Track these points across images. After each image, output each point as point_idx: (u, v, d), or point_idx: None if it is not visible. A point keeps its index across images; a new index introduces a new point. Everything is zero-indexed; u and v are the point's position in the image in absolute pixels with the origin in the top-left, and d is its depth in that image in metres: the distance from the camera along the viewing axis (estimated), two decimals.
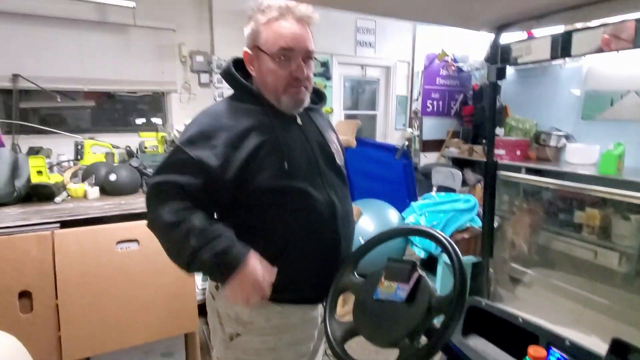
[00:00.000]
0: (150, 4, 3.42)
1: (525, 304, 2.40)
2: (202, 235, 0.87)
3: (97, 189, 2.27)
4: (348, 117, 4.81)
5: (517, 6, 0.94)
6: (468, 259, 2.42)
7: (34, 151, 2.98)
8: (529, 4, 0.91)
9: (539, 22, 0.96)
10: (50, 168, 2.78)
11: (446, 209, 2.51)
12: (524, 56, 0.95)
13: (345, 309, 2.37)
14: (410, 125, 5.04)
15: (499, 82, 1.07)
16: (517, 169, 4.18)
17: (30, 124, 3.04)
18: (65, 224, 2.01)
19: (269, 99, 1.00)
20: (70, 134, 3.11)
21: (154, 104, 3.77)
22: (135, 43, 3.50)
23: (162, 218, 0.89)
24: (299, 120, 1.04)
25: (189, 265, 0.89)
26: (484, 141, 4.74)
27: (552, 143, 4.08)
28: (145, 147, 2.94)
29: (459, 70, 5.05)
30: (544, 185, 2.47)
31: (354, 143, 2.63)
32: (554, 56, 0.86)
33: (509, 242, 2.73)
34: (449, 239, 0.89)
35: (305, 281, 1.04)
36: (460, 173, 3.39)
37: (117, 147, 2.86)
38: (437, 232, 0.91)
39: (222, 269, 0.88)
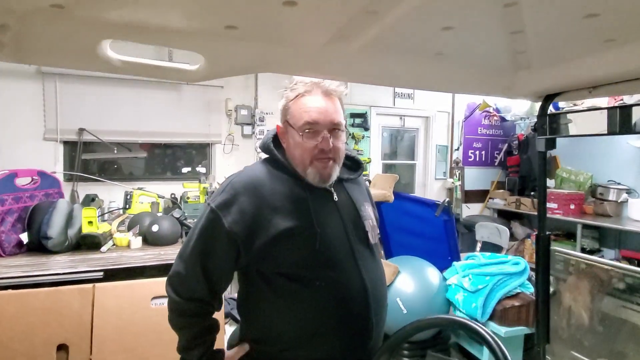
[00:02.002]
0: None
1: None
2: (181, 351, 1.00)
3: (140, 239, 2.35)
4: (386, 166, 4.79)
5: (567, 76, 0.89)
6: (519, 330, 2.19)
7: (89, 198, 3.19)
8: (582, 75, 0.86)
9: (591, 93, 0.90)
10: (103, 215, 2.95)
11: (492, 271, 2.33)
12: (576, 128, 0.89)
13: None
14: (451, 175, 4.90)
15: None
16: (572, 225, 3.88)
17: (86, 175, 3.27)
18: (107, 273, 2.09)
19: (298, 171, 1.00)
20: (121, 184, 3.32)
21: (199, 153, 3.98)
22: (187, 99, 3.78)
23: (169, 312, 1.00)
24: (335, 197, 1.03)
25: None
26: (532, 193, 4.49)
27: (612, 197, 3.78)
28: (188, 197, 3.06)
29: (502, 119, 4.94)
30: (605, 267, 2.21)
31: (391, 198, 2.57)
32: (611, 132, 0.79)
33: (566, 309, 2.46)
34: (498, 342, 0.79)
35: None
36: (507, 230, 3.18)
37: (162, 197, 2.99)
38: (486, 331, 0.82)
39: None
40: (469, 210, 4.98)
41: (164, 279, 0.98)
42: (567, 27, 0.63)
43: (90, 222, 2.22)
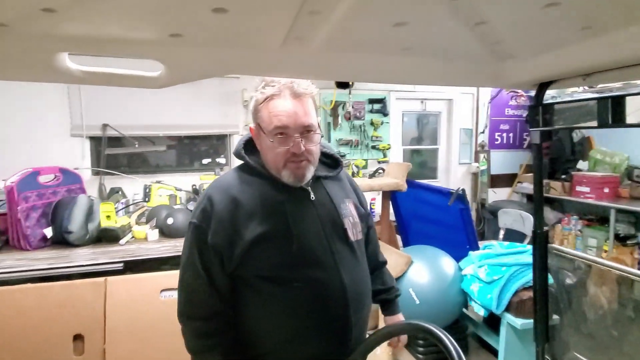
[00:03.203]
0: None
1: None
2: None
3: (156, 231, 2.44)
4: (407, 152, 4.67)
5: (556, 65, 0.82)
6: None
7: (114, 191, 3.34)
8: (571, 63, 0.78)
9: (585, 80, 0.82)
10: (127, 207, 3.07)
11: (510, 262, 2.24)
12: (569, 121, 0.81)
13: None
14: (476, 159, 4.72)
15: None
16: (605, 210, 3.65)
17: (107, 170, 3.42)
18: (127, 265, 2.19)
19: (273, 173, 0.99)
20: (143, 177, 3.44)
21: (218, 145, 4.04)
22: (204, 91, 3.83)
23: (187, 333, 0.99)
24: (312, 196, 1.01)
25: None
26: (563, 176, 4.25)
27: None
28: (204, 189, 3.12)
29: (531, 99, 4.67)
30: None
31: (404, 187, 2.51)
32: (601, 124, 0.72)
33: (591, 297, 2.34)
34: (454, 344, 0.76)
35: None
36: (532, 217, 3.03)
37: (180, 189, 3.07)
38: (446, 335, 0.79)
39: None
40: (495, 195, 4.79)
41: (172, 272, 1.00)
42: (533, 16, 0.57)
43: (108, 216, 2.32)
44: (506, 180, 4.85)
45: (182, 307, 0.99)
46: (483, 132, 4.73)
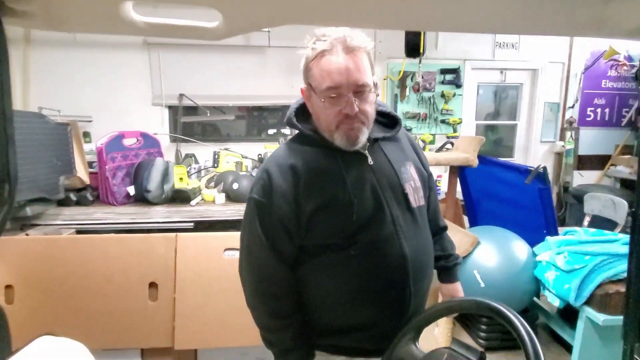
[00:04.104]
0: (283, 27, 3.73)
1: None
2: (283, 351, 0.97)
3: (223, 195, 2.57)
4: (481, 127, 4.33)
5: None
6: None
7: (188, 157, 3.59)
8: None
9: None
10: (199, 172, 3.28)
11: (595, 250, 1.98)
12: None
13: None
14: (562, 138, 4.23)
15: None
16: None
17: (182, 137, 3.66)
18: (197, 224, 2.35)
19: (326, 137, 0.94)
20: (213, 144, 3.63)
21: (283, 116, 4.10)
22: (271, 61, 3.89)
23: (261, 314, 0.98)
24: (370, 161, 0.96)
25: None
26: None
27: None
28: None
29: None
30: None
31: (475, 162, 2.32)
32: None
33: None
34: (527, 329, 0.67)
35: (367, 334, 0.96)
36: (626, 203, 2.65)
37: (246, 157, 3.19)
38: (516, 316, 0.70)
39: None
40: (582, 178, 4.29)
41: (235, 233, 0.99)
42: None
43: (181, 179, 2.49)
44: (596, 162, 4.30)
45: (255, 286, 0.96)
46: (572, 107, 4.21)
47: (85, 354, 0.72)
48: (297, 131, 1.00)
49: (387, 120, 1.05)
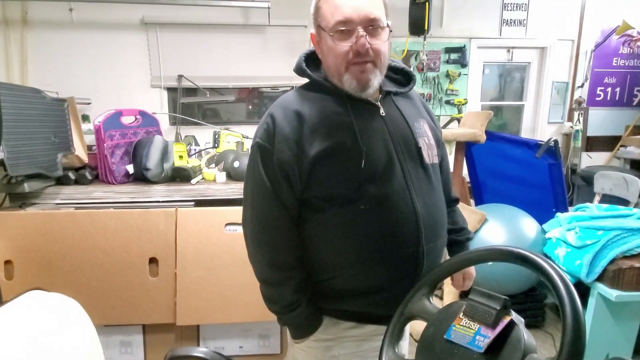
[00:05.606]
0: (284, 4, 3.64)
1: None
2: (285, 308, 0.93)
3: (224, 174, 2.52)
4: (486, 108, 4.24)
5: None
6: (637, 296, 1.80)
7: (188, 138, 3.53)
8: None
9: None
10: (199, 153, 3.22)
11: (608, 225, 1.92)
12: None
13: None
14: (570, 119, 4.14)
15: None
16: None
17: (182, 116, 3.60)
18: (197, 203, 2.30)
19: (336, 84, 0.89)
20: (214, 126, 3.57)
21: None
22: (271, 41, 3.80)
23: (261, 266, 0.94)
24: (382, 112, 0.90)
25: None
26: None
27: None
28: None
29: None
30: None
31: (482, 138, 2.25)
32: None
33: None
34: (562, 274, 0.60)
35: (377, 298, 0.91)
36: (639, 180, 2.58)
37: (247, 137, 3.13)
38: (547, 262, 0.63)
39: (293, 335, 0.97)
40: (590, 160, 4.20)
41: (236, 208, 0.95)
42: None
43: (180, 157, 2.44)
44: (606, 143, 4.21)
45: (257, 236, 0.91)
46: (582, 87, 4.11)
47: (77, 308, 0.68)
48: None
49: (400, 77, 1.00)
